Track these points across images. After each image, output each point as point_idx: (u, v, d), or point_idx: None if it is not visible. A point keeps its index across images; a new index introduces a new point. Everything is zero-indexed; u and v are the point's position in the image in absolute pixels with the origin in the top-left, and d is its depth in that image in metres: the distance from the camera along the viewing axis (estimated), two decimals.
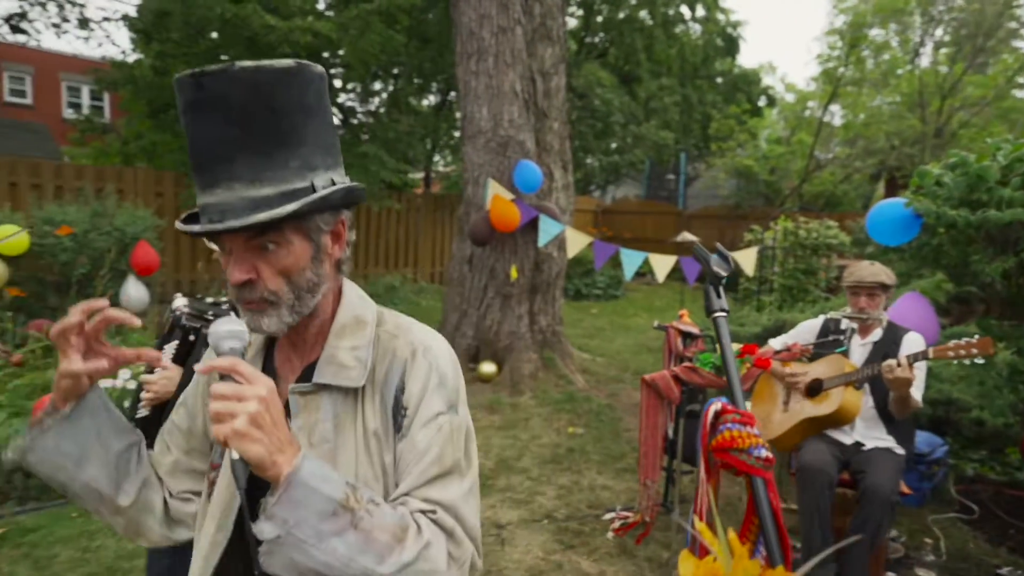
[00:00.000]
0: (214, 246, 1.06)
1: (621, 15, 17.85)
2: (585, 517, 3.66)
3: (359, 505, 0.84)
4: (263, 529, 0.80)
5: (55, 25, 9.67)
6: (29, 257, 5.80)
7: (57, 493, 3.74)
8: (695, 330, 3.50)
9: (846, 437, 2.91)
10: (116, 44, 10.69)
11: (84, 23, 9.70)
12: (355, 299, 1.04)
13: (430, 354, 1.00)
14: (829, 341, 2.97)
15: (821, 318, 3.12)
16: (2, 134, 10.79)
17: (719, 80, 23.98)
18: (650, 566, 3.14)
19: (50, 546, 3.18)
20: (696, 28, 21.33)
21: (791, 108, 17.35)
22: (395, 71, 13.70)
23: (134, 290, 6.34)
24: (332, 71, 12.09)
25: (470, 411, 4.03)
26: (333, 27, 9.39)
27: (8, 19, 8.95)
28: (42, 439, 0.92)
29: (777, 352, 2.68)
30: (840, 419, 2.82)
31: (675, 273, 14.62)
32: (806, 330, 2.94)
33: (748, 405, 2.89)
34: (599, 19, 18.41)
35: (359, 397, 0.97)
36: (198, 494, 1.08)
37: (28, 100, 25.36)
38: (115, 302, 5.45)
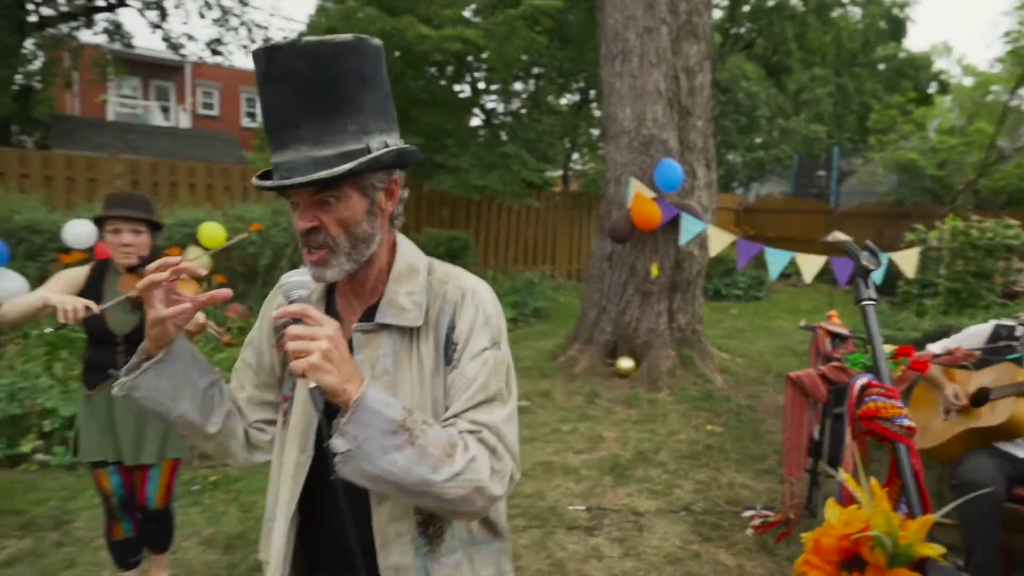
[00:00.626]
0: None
1: (770, 3, 17.00)
2: (723, 512, 3.69)
3: (415, 425, 0.97)
4: (337, 444, 0.94)
5: (244, 47, 10.96)
6: (226, 249, 6.70)
7: None
8: (844, 331, 3.42)
9: (1019, 450, 2.73)
10: None
11: (267, 42, 10.93)
12: (408, 251, 1.17)
13: (477, 297, 1.12)
14: (1000, 347, 2.79)
15: (991, 323, 2.93)
16: (200, 144, 12.45)
17: (881, 67, 22.12)
18: (790, 565, 3.13)
19: (252, 494, 3.75)
20: (855, 11, 19.78)
21: (968, 93, 15.63)
22: (535, 71, 14.07)
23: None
24: (476, 74, 12.68)
25: (607, 404, 4.33)
26: (481, 34, 9.86)
27: (209, 44, 10.26)
28: (142, 379, 1.07)
29: (936, 356, 2.58)
30: (1012, 431, 2.66)
31: (823, 275, 13.85)
32: (973, 335, 2.79)
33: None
34: (745, 9, 17.64)
35: (415, 336, 1.11)
36: (271, 423, 1.24)
37: (215, 112, 28.70)
38: None
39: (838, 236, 9.97)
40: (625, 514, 3.63)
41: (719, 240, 5.87)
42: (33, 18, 9.22)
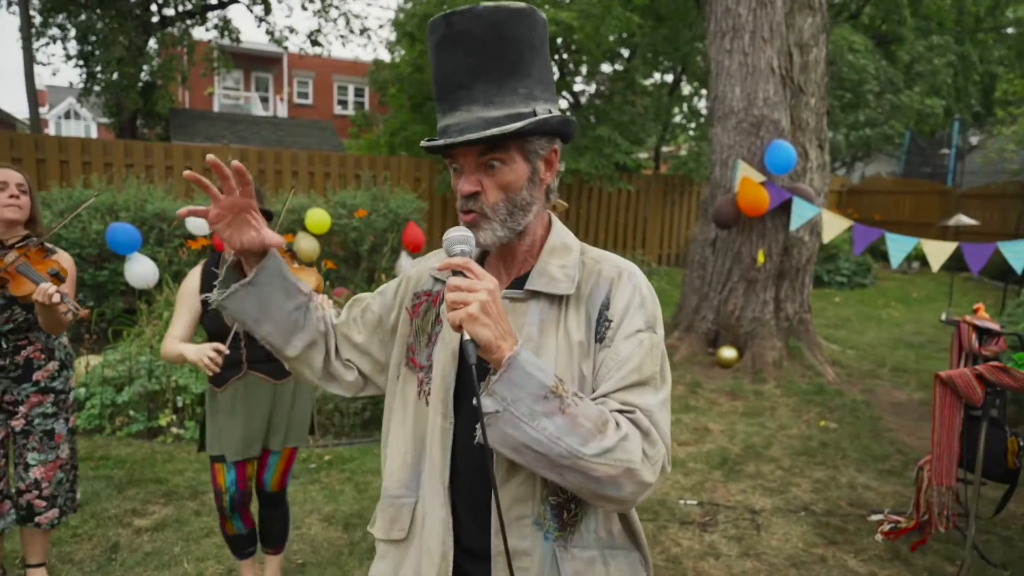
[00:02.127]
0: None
1: None
2: (847, 515, 3.50)
3: (566, 394, 0.94)
4: (485, 404, 0.92)
5: (341, 36, 11.29)
6: (329, 235, 6.95)
7: (366, 432, 4.50)
8: (995, 326, 3.13)
9: None
10: (388, 49, 12.18)
11: (364, 31, 11.20)
12: (563, 230, 1.17)
13: (634, 278, 1.10)
14: None
15: None
16: (300, 132, 12.99)
17: (1010, 30, 20.09)
18: None
19: (365, 474, 3.88)
20: None
21: None
22: (625, 53, 13.72)
23: (407, 264, 7.28)
24: (563, 55, 12.49)
25: (710, 395, 4.18)
26: (574, 15, 9.70)
27: (309, 35, 10.61)
28: (229, 300, 1.12)
29: None
30: None
31: (948, 262, 12.95)
32: None
33: None
34: None
35: (563, 307, 1.08)
36: (354, 366, 1.26)
37: (309, 100, 29.86)
38: (394, 275, 6.28)
39: (962, 220, 9.23)
40: (740, 511, 3.50)
41: (834, 225, 5.54)
42: (155, 18, 9.83)
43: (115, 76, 9.11)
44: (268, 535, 2.65)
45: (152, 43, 9.56)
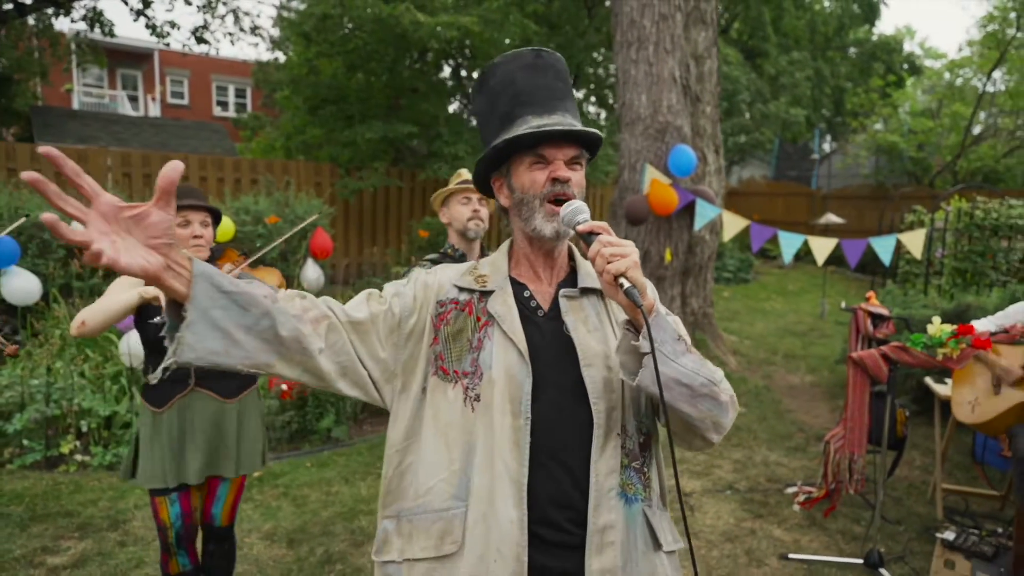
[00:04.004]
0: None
1: None
2: (767, 490, 3.80)
3: (685, 335, 1.12)
4: (643, 345, 1.04)
5: (230, 34, 10.70)
6: (233, 243, 6.60)
7: (293, 445, 4.33)
8: (885, 312, 3.53)
9: None
10: (273, 47, 11.63)
11: (255, 30, 10.68)
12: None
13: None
14: None
15: None
16: (187, 134, 12.17)
17: (852, 51, 22.47)
18: (843, 538, 3.25)
19: (299, 487, 3.74)
20: None
21: (937, 76, 15.99)
22: None
23: (312, 272, 7.03)
24: (459, 60, 12.56)
25: None
26: (475, 20, 9.79)
27: (194, 31, 10.00)
28: (187, 349, 0.93)
29: (994, 334, 2.70)
30: None
31: (807, 256, 14.07)
32: (1021, 311, 2.91)
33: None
34: None
35: (603, 298, 1.24)
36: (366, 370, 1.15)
37: (185, 101, 28.00)
38: (299, 284, 6.08)
39: (831, 219, 10.22)
40: (672, 495, 3.71)
41: (733, 225, 5.97)
42: (8, 5, 8.88)
43: None
44: (215, 572, 2.44)
45: (2, 33, 8.58)
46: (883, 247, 5.75)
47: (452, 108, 13.31)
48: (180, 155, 9.49)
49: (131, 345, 4.27)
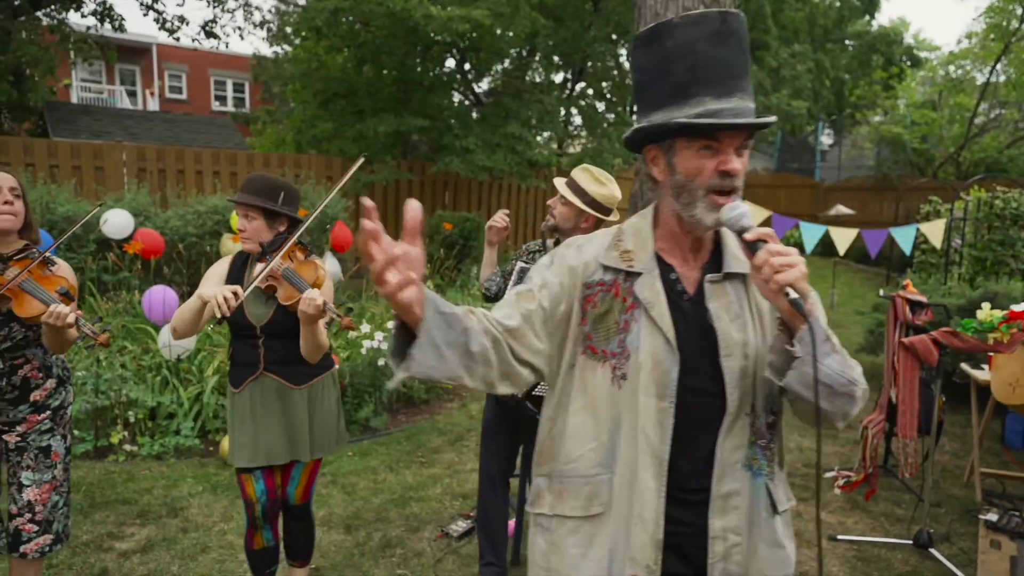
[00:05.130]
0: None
1: None
2: (805, 475, 3.88)
3: (832, 336, 1.12)
4: (796, 350, 1.07)
5: (239, 28, 10.68)
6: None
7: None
8: (923, 299, 3.61)
9: None
10: (284, 42, 11.57)
11: (263, 24, 10.66)
12: None
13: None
14: None
15: None
16: (198, 129, 12.15)
17: (850, 43, 22.57)
18: (887, 520, 3.34)
19: (346, 476, 3.80)
20: None
21: (934, 69, 16.09)
22: (520, 51, 13.99)
23: (331, 265, 7.08)
24: (467, 54, 12.56)
25: None
26: (486, 14, 9.80)
27: (204, 26, 9.98)
28: (413, 364, 1.03)
29: None
30: None
31: (818, 247, 14.08)
32: None
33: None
34: None
35: (746, 283, 1.23)
36: (530, 363, 1.21)
37: (184, 95, 27.85)
38: None
39: (841, 210, 10.30)
40: None
41: (754, 216, 6.03)
42: (17, 1, 8.84)
43: None
44: (294, 549, 2.56)
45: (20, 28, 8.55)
46: (904, 237, 5.83)
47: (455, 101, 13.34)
48: (193, 149, 9.49)
49: (171, 338, 4.33)
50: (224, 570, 2.84)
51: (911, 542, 3.01)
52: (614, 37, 14.02)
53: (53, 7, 9.05)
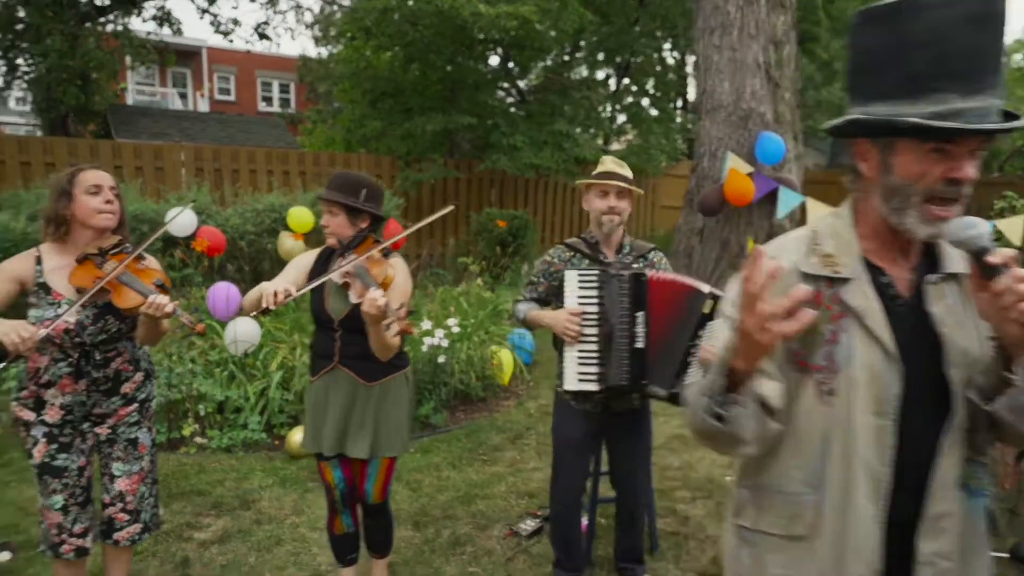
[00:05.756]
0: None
1: None
2: None
3: None
4: (1015, 377, 1.00)
5: (290, 29, 10.87)
6: (313, 234, 6.74)
7: None
8: None
9: None
10: (329, 42, 11.76)
11: (313, 24, 10.84)
12: None
13: None
14: None
15: None
16: (251, 129, 12.45)
17: None
18: None
19: (410, 472, 3.82)
20: None
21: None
22: (564, 48, 13.90)
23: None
24: (511, 51, 12.52)
25: None
26: (534, 11, 9.77)
27: (256, 27, 10.19)
28: (740, 420, 1.05)
29: None
30: None
31: None
32: None
33: None
34: None
35: (960, 283, 1.14)
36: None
37: (232, 97, 28.54)
38: None
39: None
40: None
41: (818, 212, 5.87)
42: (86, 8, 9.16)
43: (47, 69, 8.40)
44: (373, 542, 2.61)
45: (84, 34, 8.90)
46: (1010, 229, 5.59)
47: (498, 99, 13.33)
48: (247, 149, 9.70)
49: (237, 333, 4.42)
50: (299, 562, 2.87)
51: (1007, 555, 2.88)
52: (658, 34, 13.85)
53: (116, 13, 9.37)
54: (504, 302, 6.05)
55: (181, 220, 5.45)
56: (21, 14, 8.93)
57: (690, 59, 17.35)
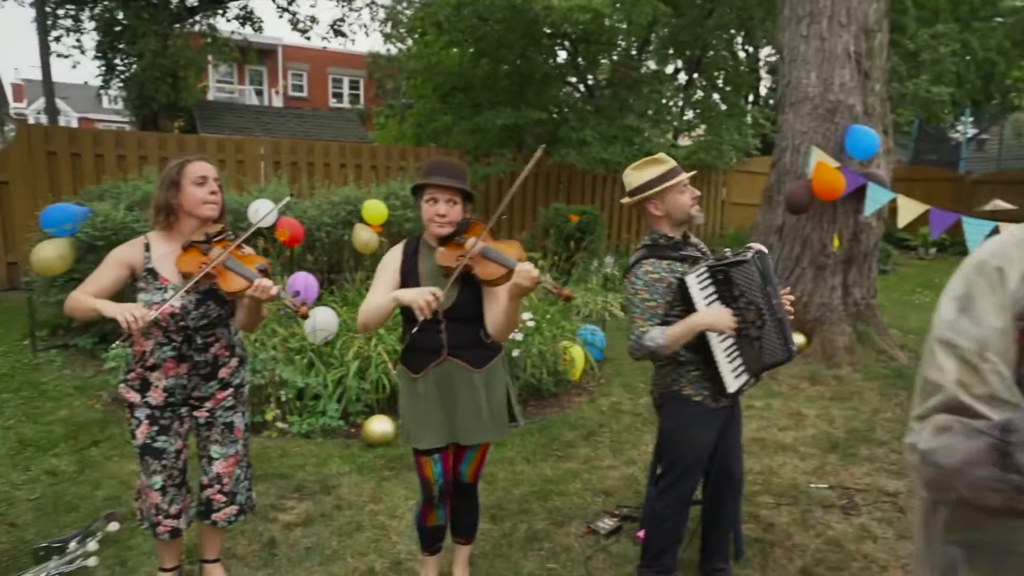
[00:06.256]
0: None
1: None
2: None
3: None
4: None
5: (364, 26, 11.11)
6: (385, 226, 6.85)
7: None
8: None
9: None
10: (399, 39, 11.94)
11: (387, 20, 11.03)
12: None
13: None
14: None
15: None
16: (325, 124, 12.85)
17: (999, 20, 20.37)
18: None
19: (485, 465, 3.82)
20: None
21: None
22: (632, 41, 13.64)
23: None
24: (579, 46, 12.38)
25: (790, 381, 4.37)
26: (607, 3, 9.64)
27: (332, 24, 10.44)
28: None
29: None
30: None
31: (954, 246, 13.04)
32: None
33: None
34: None
35: None
36: None
37: (304, 93, 29.45)
38: None
39: (999, 204, 9.34)
40: (875, 494, 3.51)
41: (909, 210, 5.56)
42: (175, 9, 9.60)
43: (142, 68, 8.89)
44: (460, 526, 2.61)
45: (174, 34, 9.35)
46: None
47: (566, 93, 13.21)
48: (322, 143, 9.97)
49: (317, 322, 4.54)
50: (379, 549, 2.92)
51: None
52: (731, 32, 13.43)
53: (204, 13, 9.78)
54: (575, 299, 5.99)
55: (263, 212, 5.64)
56: (119, 16, 9.45)
57: (763, 53, 16.80)
